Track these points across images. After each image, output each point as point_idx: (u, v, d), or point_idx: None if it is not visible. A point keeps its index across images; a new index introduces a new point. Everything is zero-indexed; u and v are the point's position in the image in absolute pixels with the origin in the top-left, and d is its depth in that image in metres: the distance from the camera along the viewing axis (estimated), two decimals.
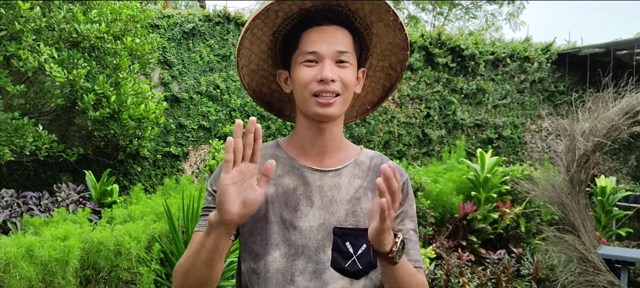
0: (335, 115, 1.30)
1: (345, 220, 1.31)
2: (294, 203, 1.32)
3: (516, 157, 8.81)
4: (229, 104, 7.34)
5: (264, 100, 1.51)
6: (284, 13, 1.31)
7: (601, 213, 6.62)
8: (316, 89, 1.27)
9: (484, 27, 17.63)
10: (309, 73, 1.28)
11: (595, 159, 5.14)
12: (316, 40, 1.28)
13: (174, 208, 4.26)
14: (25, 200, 4.60)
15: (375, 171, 1.39)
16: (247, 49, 1.36)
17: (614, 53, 8.31)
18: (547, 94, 8.94)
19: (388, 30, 1.36)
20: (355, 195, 1.34)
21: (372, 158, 1.41)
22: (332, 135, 1.36)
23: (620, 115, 4.87)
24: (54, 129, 5.74)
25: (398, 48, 1.40)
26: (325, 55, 1.27)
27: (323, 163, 1.36)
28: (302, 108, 1.33)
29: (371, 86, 1.51)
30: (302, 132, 1.37)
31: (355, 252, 1.30)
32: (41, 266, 3.24)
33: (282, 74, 1.39)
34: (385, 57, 1.44)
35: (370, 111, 1.56)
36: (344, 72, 1.29)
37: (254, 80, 1.45)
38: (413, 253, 1.37)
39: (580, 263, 4.92)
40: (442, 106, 8.43)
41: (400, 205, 1.37)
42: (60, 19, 4.88)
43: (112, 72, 5.36)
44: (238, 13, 7.48)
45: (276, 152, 1.39)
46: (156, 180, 6.98)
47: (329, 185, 1.34)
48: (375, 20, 1.34)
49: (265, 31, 1.34)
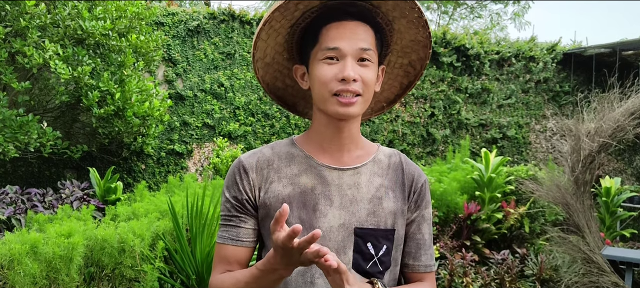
0: (355, 114, 1.25)
1: (366, 221, 1.28)
2: (313, 203, 1.28)
3: (521, 157, 8.78)
4: (233, 102, 7.34)
5: (278, 95, 1.46)
6: (304, 6, 1.25)
7: (606, 214, 6.59)
8: (337, 88, 1.22)
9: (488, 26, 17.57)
10: (329, 71, 1.23)
11: (600, 160, 5.12)
12: (337, 36, 1.22)
13: (178, 206, 4.26)
14: (29, 197, 4.61)
15: (394, 170, 1.35)
16: (264, 41, 1.31)
17: (619, 53, 8.27)
18: (552, 94, 8.91)
19: (410, 27, 1.31)
20: (376, 194, 1.30)
21: (390, 156, 1.38)
22: (350, 133, 1.32)
23: (625, 115, 4.85)
24: (59, 126, 5.75)
25: (420, 46, 1.35)
26: (347, 53, 1.22)
27: (341, 161, 1.32)
28: (321, 106, 1.28)
29: (388, 83, 1.46)
30: (319, 130, 1.33)
31: (377, 253, 1.27)
32: (45, 263, 3.24)
33: (299, 69, 1.34)
34: (405, 55, 1.39)
35: (385, 109, 1.51)
36: (366, 71, 1.23)
37: (268, 74, 1.40)
38: (424, 259, 1.34)
39: (585, 264, 4.90)
40: (446, 105, 8.41)
41: (417, 209, 1.35)
42: (65, 16, 4.88)
43: (116, 70, 5.37)
44: (243, 11, 7.48)
45: (291, 149, 1.35)
46: (160, 177, 6.99)
47: (348, 183, 1.30)
48: (397, 16, 1.29)
49: (283, 24, 1.28)
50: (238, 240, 1.31)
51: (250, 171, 1.31)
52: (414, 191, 1.35)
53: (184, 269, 3.97)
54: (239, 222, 1.31)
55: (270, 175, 1.31)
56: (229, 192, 1.32)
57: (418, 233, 1.35)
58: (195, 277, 3.95)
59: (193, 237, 3.97)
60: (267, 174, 1.31)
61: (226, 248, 1.31)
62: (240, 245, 1.31)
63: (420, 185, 1.36)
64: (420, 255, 1.34)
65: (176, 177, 6.17)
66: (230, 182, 1.33)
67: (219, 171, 6.45)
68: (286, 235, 0.98)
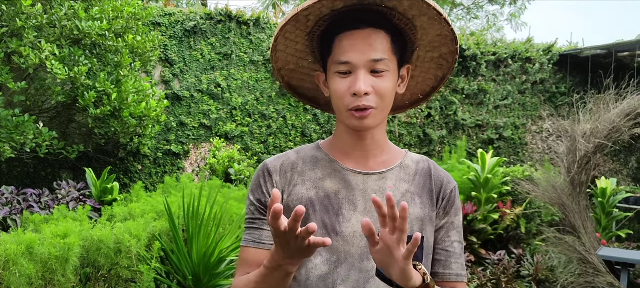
0: (372, 126, 1.23)
1: None
2: (337, 207, 1.25)
3: (517, 158, 8.80)
4: (230, 103, 7.33)
5: (309, 96, 1.44)
6: (315, 16, 1.22)
7: (601, 214, 6.61)
8: (351, 105, 1.19)
9: (485, 27, 17.61)
10: (342, 85, 1.20)
11: (596, 161, 5.14)
12: (348, 48, 1.19)
13: (175, 207, 4.26)
14: (25, 198, 4.60)
15: (422, 176, 1.32)
16: (283, 51, 1.29)
17: (615, 55, 8.29)
18: (549, 95, 8.93)
19: (433, 22, 1.25)
20: (402, 200, 1.24)
21: (418, 163, 1.34)
22: (374, 140, 1.29)
23: (621, 116, 4.87)
24: (55, 126, 5.74)
25: (447, 39, 1.29)
26: (358, 66, 1.18)
27: (367, 166, 1.29)
28: (339, 117, 1.27)
29: (422, 76, 1.41)
30: (342, 136, 1.31)
31: None
32: (41, 264, 3.23)
33: (320, 77, 1.32)
34: (434, 49, 1.34)
35: (422, 101, 1.46)
36: (380, 82, 1.19)
37: (294, 79, 1.39)
38: (455, 267, 1.30)
39: (581, 264, 4.92)
40: (443, 106, 8.42)
41: (446, 215, 1.32)
42: (61, 16, 4.88)
43: (113, 70, 5.36)
44: (240, 11, 7.48)
45: (316, 153, 1.33)
46: (157, 178, 6.98)
47: (374, 188, 1.27)
48: (417, 14, 1.23)
49: (298, 34, 1.27)
50: (260, 242, 1.29)
51: (275, 174, 1.30)
52: (443, 198, 1.32)
53: (181, 270, 3.97)
54: (262, 225, 1.29)
55: (294, 178, 1.29)
56: (253, 195, 1.31)
57: (447, 241, 1.31)
58: (191, 278, 3.94)
59: (189, 238, 3.96)
60: (291, 177, 1.29)
61: (248, 251, 1.29)
62: (262, 247, 1.28)
63: (450, 191, 1.32)
64: (450, 263, 1.30)
65: (173, 178, 6.16)
66: (254, 185, 1.31)
67: (216, 172, 6.45)
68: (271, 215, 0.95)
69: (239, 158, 6.54)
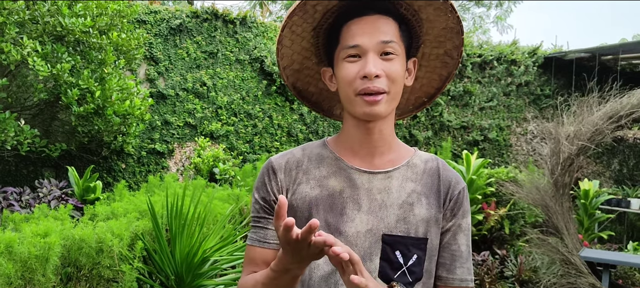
0: (382, 114, 1.20)
1: (395, 227, 1.22)
2: (340, 206, 1.23)
3: (501, 160, 8.86)
4: (216, 101, 7.29)
5: (312, 100, 1.42)
6: (322, 7, 1.21)
7: (584, 216, 6.68)
8: (361, 87, 1.17)
9: (471, 29, 17.72)
10: (351, 69, 1.18)
11: (579, 163, 5.18)
12: (357, 32, 1.18)
13: (158, 206, 4.22)
14: (5, 196, 4.53)
15: (430, 175, 1.29)
16: (288, 47, 1.27)
17: (599, 58, 8.39)
18: (533, 97, 9.01)
19: (439, 13, 1.24)
20: (407, 200, 1.24)
21: (427, 162, 1.32)
22: (382, 135, 1.27)
23: (604, 119, 4.92)
24: (37, 123, 5.66)
25: (453, 33, 1.28)
26: (368, 48, 1.17)
27: (372, 165, 1.27)
28: (347, 107, 1.24)
29: (426, 77, 1.39)
30: (349, 132, 1.28)
31: (406, 262, 1.21)
32: (20, 263, 3.18)
33: (327, 72, 1.29)
34: (439, 44, 1.32)
35: (427, 104, 1.44)
36: (390, 65, 1.18)
37: (299, 81, 1.37)
38: (460, 272, 1.27)
39: (563, 265, 4.96)
40: (428, 107, 8.45)
41: (453, 217, 1.28)
42: (44, 12, 4.81)
43: (97, 67, 5.30)
44: (226, 10, 7.44)
45: (322, 151, 1.31)
46: (140, 177, 6.92)
47: (379, 188, 1.24)
48: (423, 4, 1.22)
49: (304, 27, 1.25)
50: (265, 241, 1.27)
51: (279, 172, 1.28)
52: (451, 198, 1.28)
53: (163, 270, 3.93)
54: (267, 224, 1.28)
55: (299, 176, 1.28)
56: (258, 193, 1.29)
57: (454, 243, 1.27)
58: (174, 278, 3.91)
59: (173, 237, 3.93)
60: (295, 175, 1.28)
61: (254, 250, 1.27)
62: (267, 246, 1.27)
63: (458, 192, 1.28)
64: (455, 267, 1.27)
65: (156, 177, 6.11)
66: (259, 183, 1.29)
67: (200, 171, 6.41)
68: (283, 228, 0.94)
69: (224, 158, 6.50)
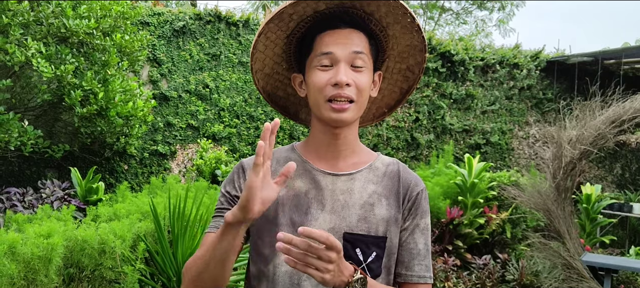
0: (349, 120, 1.28)
1: (356, 226, 1.29)
2: (305, 206, 1.30)
3: (503, 163, 8.86)
4: (218, 104, 7.31)
5: (280, 104, 1.50)
6: (298, 16, 1.28)
7: (586, 220, 6.67)
8: (330, 94, 1.25)
9: (474, 33, 17.73)
10: (323, 77, 1.26)
11: (581, 167, 5.19)
12: (331, 42, 1.26)
13: (160, 208, 4.23)
14: (8, 196, 4.55)
15: (390, 178, 1.36)
16: (262, 52, 1.34)
17: (601, 62, 8.39)
18: (535, 101, 9.00)
19: (405, 32, 1.33)
20: (368, 201, 1.31)
21: (388, 165, 1.39)
22: (346, 140, 1.34)
23: (606, 123, 4.92)
24: (40, 124, 5.67)
25: (416, 50, 1.38)
26: (340, 58, 1.25)
27: (337, 167, 1.34)
28: (316, 113, 1.31)
29: (388, 89, 1.48)
30: (316, 136, 1.36)
31: (365, 259, 1.28)
32: (23, 264, 3.19)
33: (297, 78, 1.37)
34: (402, 60, 1.42)
35: (387, 114, 1.53)
36: (359, 76, 1.26)
37: (268, 84, 1.44)
38: (418, 269, 1.33)
39: (565, 269, 4.96)
40: (431, 111, 8.46)
41: (411, 217, 1.35)
42: (48, 13, 4.83)
43: (100, 69, 5.32)
44: (229, 12, 7.46)
45: (290, 154, 1.39)
46: (143, 178, 6.93)
47: (342, 189, 1.32)
48: (391, 22, 1.32)
49: (279, 35, 1.32)
50: None
51: (248, 170, 1.35)
52: (409, 199, 1.35)
53: (165, 271, 3.94)
54: None
55: None
56: (225, 188, 1.36)
57: (411, 242, 1.34)
58: (176, 279, 3.92)
59: (175, 239, 3.94)
60: None
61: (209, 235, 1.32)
62: None
63: (416, 194, 1.36)
64: (413, 265, 1.33)
65: (159, 178, 6.13)
66: (228, 180, 1.37)
67: (203, 173, 6.42)
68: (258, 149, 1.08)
69: (226, 160, 6.52)
